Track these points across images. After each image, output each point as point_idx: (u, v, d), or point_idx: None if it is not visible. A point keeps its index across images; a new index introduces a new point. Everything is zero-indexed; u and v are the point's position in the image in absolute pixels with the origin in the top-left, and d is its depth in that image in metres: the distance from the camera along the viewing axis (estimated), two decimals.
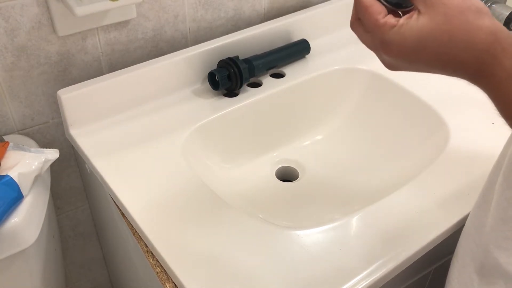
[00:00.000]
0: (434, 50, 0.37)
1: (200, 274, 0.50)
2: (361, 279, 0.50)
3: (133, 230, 0.58)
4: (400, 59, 0.39)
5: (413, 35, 0.37)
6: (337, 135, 0.81)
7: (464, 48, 0.36)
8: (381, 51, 0.40)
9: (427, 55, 0.38)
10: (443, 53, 0.37)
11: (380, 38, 0.39)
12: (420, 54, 0.38)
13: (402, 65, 0.40)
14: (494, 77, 0.36)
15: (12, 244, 0.58)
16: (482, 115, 0.70)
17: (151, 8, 0.73)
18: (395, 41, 0.38)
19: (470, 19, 0.36)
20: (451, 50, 0.36)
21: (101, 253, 0.93)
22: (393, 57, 0.39)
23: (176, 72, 0.75)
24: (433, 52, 0.37)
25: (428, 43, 0.37)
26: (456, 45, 0.36)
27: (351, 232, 0.55)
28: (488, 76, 0.36)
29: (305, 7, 0.89)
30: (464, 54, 0.36)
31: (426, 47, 0.37)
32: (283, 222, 0.64)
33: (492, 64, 0.36)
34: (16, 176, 0.57)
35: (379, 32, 0.39)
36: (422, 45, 0.37)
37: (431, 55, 0.37)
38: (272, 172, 0.76)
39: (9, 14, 0.62)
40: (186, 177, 0.62)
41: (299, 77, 0.80)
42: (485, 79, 0.36)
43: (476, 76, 0.37)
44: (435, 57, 0.37)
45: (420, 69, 0.40)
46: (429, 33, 0.37)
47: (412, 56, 0.38)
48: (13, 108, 0.69)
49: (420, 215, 0.57)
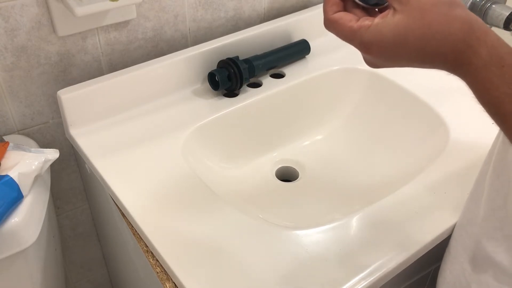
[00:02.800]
0: (412, 44, 0.37)
1: (200, 274, 0.50)
2: (361, 279, 0.50)
3: (133, 230, 0.58)
4: (381, 57, 0.40)
5: (390, 31, 0.38)
6: (337, 135, 0.81)
7: (441, 39, 0.37)
8: (362, 52, 0.41)
9: (406, 50, 0.38)
10: (421, 46, 0.37)
11: (358, 42, 0.40)
12: (399, 49, 0.38)
13: (384, 62, 0.40)
14: (471, 65, 0.37)
15: (12, 244, 0.58)
16: (482, 115, 0.70)
17: (151, 8, 0.73)
18: (373, 40, 0.39)
19: (444, 11, 0.37)
20: (429, 42, 0.37)
21: (101, 253, 0.93)
22: (374, 56, 0.40)
23: (176, 72, 0.75)
24: (412, 46, 0.38)
25: (406, 38, 0.37)
26: (433, 37, 0.37)
27: (351, 232, 0.55)
28: (465, 64, 0.37)
29: (305, 7, 0.89)
30: (441, 45, 0.37)
31: (404, 42, 0.38)
32: (283, 222, 0.64)
33: (468, 53, 0.36)
34: (16, 176, 0.57)
35: (357, 36, 0.40)
36: (400, 40, 0.38)
37: (410, 49, 0.38)
38: (272, 172, 0.76)
39: (9, 14, 0.62)
40: (186, 177, 0.62)
41: (299, 77, 0.80)
42: (463, 68, 0.37)
43: (454, 65, 0.38)
44: (414, 51, 0.38)
45: (401, 64, 0.40)
46: (405, 28, 0.37)
47: (392, 52, 0.39)
48: (13, 108, 0.69)
49: (420, 215, 0.57)
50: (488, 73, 0.36)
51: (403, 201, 0.59)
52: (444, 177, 0.62)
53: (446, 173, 0.63)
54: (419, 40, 0.37)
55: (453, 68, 0.38)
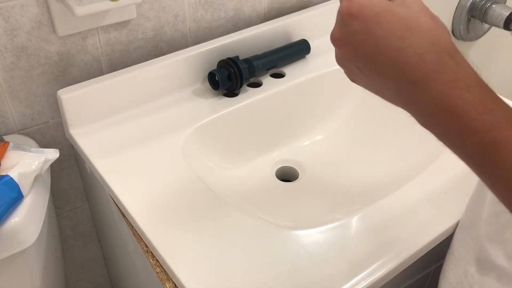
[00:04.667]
0: (396, 28, 0.35)
1: (200, 274, 0.50)
2: (361, 279, 0.50)
3: (133, 230, 0.58)
4: (355, 22, 0.37)
5: (382, 2, 0.36)
6: (337, 135, 0.81)
7: (429, 42, 0.35)
8: (341, 9, 0.38)
9: (385, 30, 0.36)
10: (405, 36, 0.35)
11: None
12: (379, 24, 0.36)
13: (351, 34, 0.37)
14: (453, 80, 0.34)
15: (12, 244, 0.58)
16: None
17: (151, 8, 0.73)
18: (359, 5, 0.36)
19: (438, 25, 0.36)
20: (415, 37, 0.35)
21: (101, 253, 0.93)
22: (350, 17, 0.37)
23: (176, 72, 0.75)
24: (394, 31, 0.35)
25: (393, 19, 0.35)
26: (421, 36, 0.35)
27: (351, 232, 0.55)
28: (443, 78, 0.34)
29: (305, 7, 0.89)
30: (426, 47, 0.35)
31: (390, 21, 0.35)
32: (283, 222, 0.64)
33: (453, 67, 0.34)
34: (16, 176, 0.57)
35: None
36: (387, 15, 0.36)
37: (390, 32, 0.35)
38: (272, 172, 0.76)
39: (9, 14, 0.62)
40: (186, 177, 0.62)
41: (299, 77, 0.80)
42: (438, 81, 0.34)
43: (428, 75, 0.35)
44: (392, 37, 0.35)
45: (365, 50, 0.37)
46: (399, 11, 0.36)
47: (369, 23, 0.36)
48: (13, 108, 0.69)
49: (420, 215, 0.57)
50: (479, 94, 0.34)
51: (403, 201, 0.59)
52: (444, 177, 0.62)
53: (446, 173, 0.63)
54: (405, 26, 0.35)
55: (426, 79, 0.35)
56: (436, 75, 0.34)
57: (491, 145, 0.33)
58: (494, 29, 1.24)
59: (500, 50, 1.39)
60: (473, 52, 1.32)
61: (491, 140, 0.33)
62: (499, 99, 0.34)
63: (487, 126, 0.33)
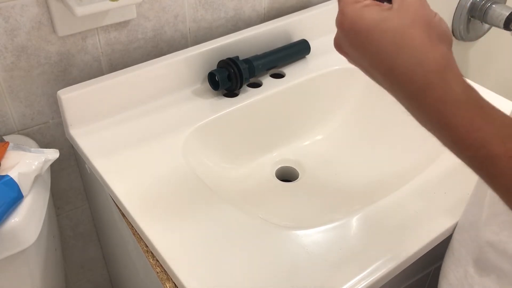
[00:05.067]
0: (385, 45, 0.36)
1: (200, 274, 0.50)
2: (361, 279, 0.50)
3: (133, 230, 0.58)
4: (348, 37, 0.38)
5: (372, 18, 0.36)
6: (337, 135, 0.81)
7: (416, 62, 0.35)
8: (336, 22, 0.39)
9: (376, 47, 0.36)
10: (394, 55, 0.36)
11: (340, 8, 0.38)
12: (370, 42, 0.36)
13: (348, 46, 0.39)
14: (442, 102, 0.35)
15: (12, 244, 0.58)
16: None
17: (151, 8, 0.73)
18: (351, 15, 0.37)
19: (432, 37, 0.36)
20: (403, 55, 0.35)
21: (101, 253, 0.93)
22: (343, 32, 0.38)
23: (176, 72, 0.75)
24: (383, 48, 0.36)
25: (383, 35, 0.36)
26: (409, 54, 0.35)
27: (351, 232, 0.56)
28: (434, 99, 0.35)
29: (305, 7, 0.89)
30: (413, 67, 0.35)
31: (379, 38, 0.36)
32: (283, 222, 0.64)
33: (441, 86, 0.35)
34: (16, 176, 0.57)
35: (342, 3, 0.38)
36: (376, 33, 0.36)
37: (380, 50, 0.36)
38: (272, 172, 0.76)
39: (9, 14, 0.62)
40: (186, 177, 0.62)
41: (299, 77, 0.80)
42: (430, 102, 0.35)
43: (417, 93, 0.36)
44: (383, 54, 0.36)
45: (362, 61, 0.38)
46: (389, 27, 0.36)
47: (360, 39, 0.37)
48: (13, 108, 0.69)
49: (420, 215, 0.57)
50: (467, 112, 0.34)
51: (403, 201, 0.59)
52: (444, 177, 0.62)
53: (446, 173, 0.63)
54: (393, 45, 0.35)
55: (414, 94, 0.36)
56: (425, 94, 0.35)
57: (486, 159, 0.34)
58: (494, 29, 1.24)
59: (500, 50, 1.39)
60: (473, 52, 1.32)
61: (484, 155, 0.34)
62: (490, 114, 0.35)
63: (478, 143, 0.34)
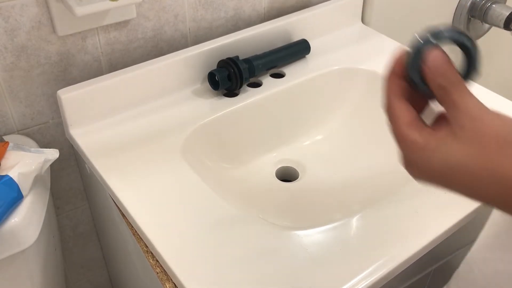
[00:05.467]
0: (459, 181, 0.36)
1: (200, 274, 0.50)
2: (361, 279, 0.50)
3: (133, 230, 0.58)
4: (422, 178, 0.38)
5: (440, 162, 0.36)
6: (337, 135, 0.81)
7: (491, 183, 0.34)
8: (403, 163, 0.39)
9: (451, 184, 0.36)
10: (469, 186, 0.35)
11: (404, 153, 0.38)
12: (444, 181, 0.37)
13: (423, 181, 0.39)
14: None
15: (12, 244, 0.58)
16: None
17: (151, 8, 0.73)
18: (419, 163, 0.37)
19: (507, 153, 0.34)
20: (478, 183, 0.35)
21: (101, 253, 0.93)
22: (415, 175, 0.38)
23: (176, 72, 0.75)
24: (458, 183, 0.36)
25: (454, 174, 0.35)
26: (482, 181, 0.35)
27: (351, 232, 0.55)
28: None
29: (305, 7, 0.89)
30: (490, 189, 0.35)
31: (451, 177, 0.36)
32: (283, 222, 0.64)
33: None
34: (16, 176, 0.57)
35: (403, 146, 0.38)
36: (447, 175, 0.36)
37: (455, 185, 0.36)
38: (272, 172, 0.76)
39: (9, 14, 0.62)
40: (186, 177, 0.62)
41: (299, 77, 0.80)
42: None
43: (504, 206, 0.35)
44: (459, 187, 0.36)
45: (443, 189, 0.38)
46: (457, 164, 0.35)
47: (435, 180, 0.37)
48: (13, 108, 0.69)
49: (420, 215, 0.57)
50: None
51: (403, 201, 0.59)
52: None
53: None
54: (467, 179, 0.35)
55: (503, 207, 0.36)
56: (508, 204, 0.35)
57: None
58: (494, 29, 1.24)
59: (500, 50, 1.39)
60: None
61: None
62: None
63: None
